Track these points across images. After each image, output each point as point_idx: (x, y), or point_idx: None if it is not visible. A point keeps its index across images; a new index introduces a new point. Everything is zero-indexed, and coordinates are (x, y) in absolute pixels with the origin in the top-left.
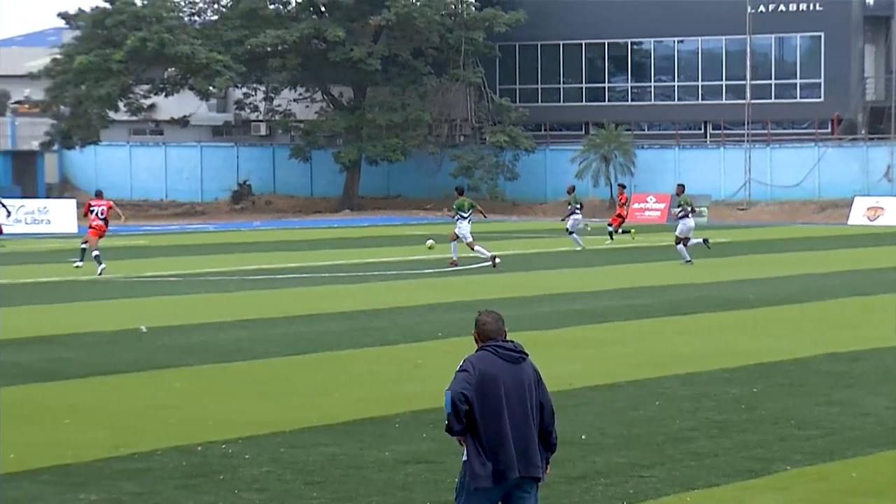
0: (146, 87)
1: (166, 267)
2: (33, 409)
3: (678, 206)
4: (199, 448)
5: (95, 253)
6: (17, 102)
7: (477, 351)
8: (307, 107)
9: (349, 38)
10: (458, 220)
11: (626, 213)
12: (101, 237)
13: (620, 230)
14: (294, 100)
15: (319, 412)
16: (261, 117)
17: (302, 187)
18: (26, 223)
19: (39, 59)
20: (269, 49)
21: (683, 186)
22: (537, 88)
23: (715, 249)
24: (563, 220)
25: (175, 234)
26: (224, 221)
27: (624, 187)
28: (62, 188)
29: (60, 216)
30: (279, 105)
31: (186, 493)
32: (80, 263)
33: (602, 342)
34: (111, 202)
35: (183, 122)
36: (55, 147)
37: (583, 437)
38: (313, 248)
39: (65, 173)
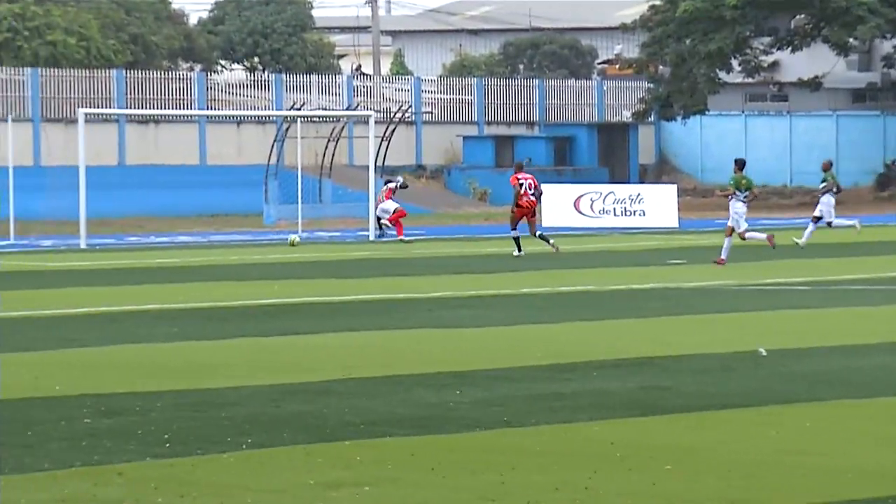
0: (767, 39)
1: (792, 271)
2: (628, 450)
3: None
4: None
5: (515, 233)
6: (605, 62)
7: None
8: None
9: None
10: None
11: None
12: (532, 215)
13: None
14: None
15: None
16: None
17: None
18: (614, 214)
19: (635, 7)
20: None
21: None
22: None
23: None
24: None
25: (799, 229)
26: (865, 213)
27: None
28: (659, 170)
29: (657, 206)
30: None
31: None
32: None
33: None
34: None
35: (814, 84)
36: (651, 118)
37: None
38: None
39: (662, 151)
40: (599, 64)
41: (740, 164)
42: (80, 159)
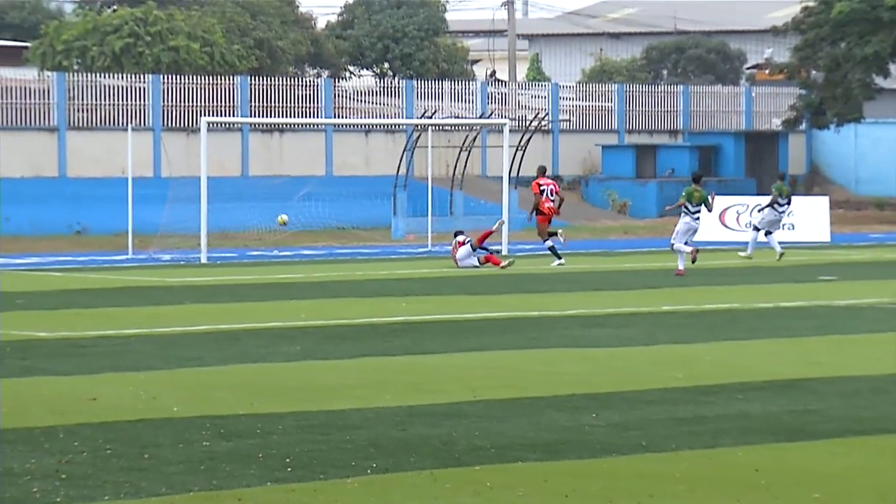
0: None
1: None
2: (774, 477)
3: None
4: None
5: (549, 243)
6: (753, 67)
7: None
8: None
9: None
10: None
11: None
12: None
13: None
14: None
15: None
16: None
17: None
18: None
19: (787, 9)
20: None
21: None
22: None
23: None
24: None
25: None
26: None
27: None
28: (810, 181)
29: (807, 219)
30: None
31: None
32: (558, 262)
33: None
34: (556, 182)
35: None
36: (802, 126)
37: None
38: None
39: (814, 161)
40: (748, 69)
41: (696, 178)
42: (202, 170)
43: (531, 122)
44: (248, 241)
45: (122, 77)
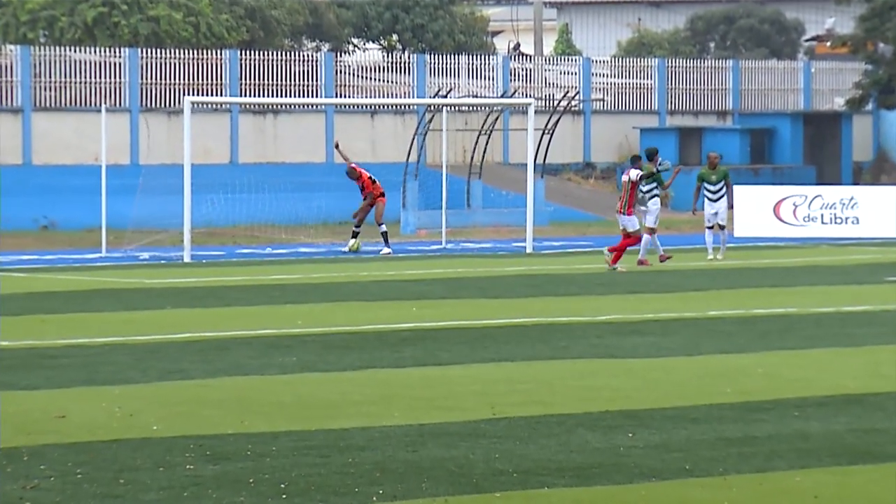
0: None
1: None
2: (838, 502)
3: None
4: None
5: (384, 228)
6: (813, 39)
7: None
8: None
9: None
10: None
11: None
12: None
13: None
14: None
15: None
16: None
17: None
18: (822, 222)
19: None
20: None
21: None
22: None
23: None
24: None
25: None
26: None
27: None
28: (877, 169)
29: (874, 212)
30: None
31: None
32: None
33: None
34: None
35: None
36: (868, 106)
37: None
38: None
39: (882, 146)
40: (807, 41)
41: (649, 154)
42: (186, 157)
43: (559, 101)
44: (237, 237)
45: (95, 51)
